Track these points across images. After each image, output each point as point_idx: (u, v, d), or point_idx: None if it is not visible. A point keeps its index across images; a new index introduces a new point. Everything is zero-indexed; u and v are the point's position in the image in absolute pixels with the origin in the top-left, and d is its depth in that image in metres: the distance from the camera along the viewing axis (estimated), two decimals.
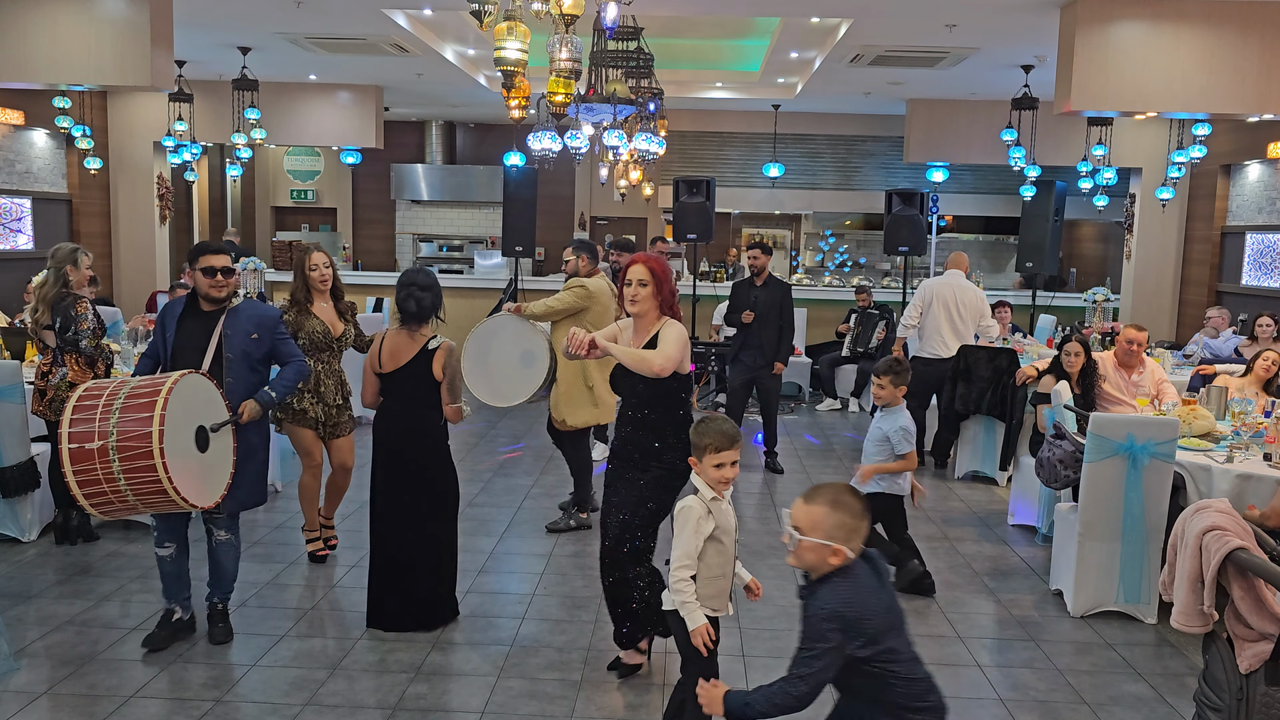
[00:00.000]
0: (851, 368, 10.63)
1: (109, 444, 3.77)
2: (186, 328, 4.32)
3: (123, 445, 3.78)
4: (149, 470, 3.80)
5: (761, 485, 7.44)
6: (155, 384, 3.95)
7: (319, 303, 5.42)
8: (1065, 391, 5.95)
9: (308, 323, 5.34)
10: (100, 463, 3.77)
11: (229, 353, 4.29)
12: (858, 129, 14.64)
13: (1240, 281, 10.91)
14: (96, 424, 3.80)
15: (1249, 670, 2.95)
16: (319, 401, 5.36)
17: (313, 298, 5.41)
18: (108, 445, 3.77)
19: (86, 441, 3.78)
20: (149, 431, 3.79)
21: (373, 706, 3.90)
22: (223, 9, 8.59)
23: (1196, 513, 3.11)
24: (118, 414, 3.83)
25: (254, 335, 4.35)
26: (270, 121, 11.84)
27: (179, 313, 4.36)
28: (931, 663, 4.43)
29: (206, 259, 4.28)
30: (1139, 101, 7.52)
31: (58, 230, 11.37)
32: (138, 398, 3.88)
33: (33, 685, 3.98)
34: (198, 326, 4.31)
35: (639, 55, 7.55)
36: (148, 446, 3.78)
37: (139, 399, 3.87)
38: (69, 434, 3.78)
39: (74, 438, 3.78)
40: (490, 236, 15.60)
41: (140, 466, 3.80)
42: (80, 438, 3.79)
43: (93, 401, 3.87)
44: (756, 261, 7.60)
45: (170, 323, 4.33)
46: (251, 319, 4.38)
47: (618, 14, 4.95)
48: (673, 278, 4.08)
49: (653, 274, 3.99)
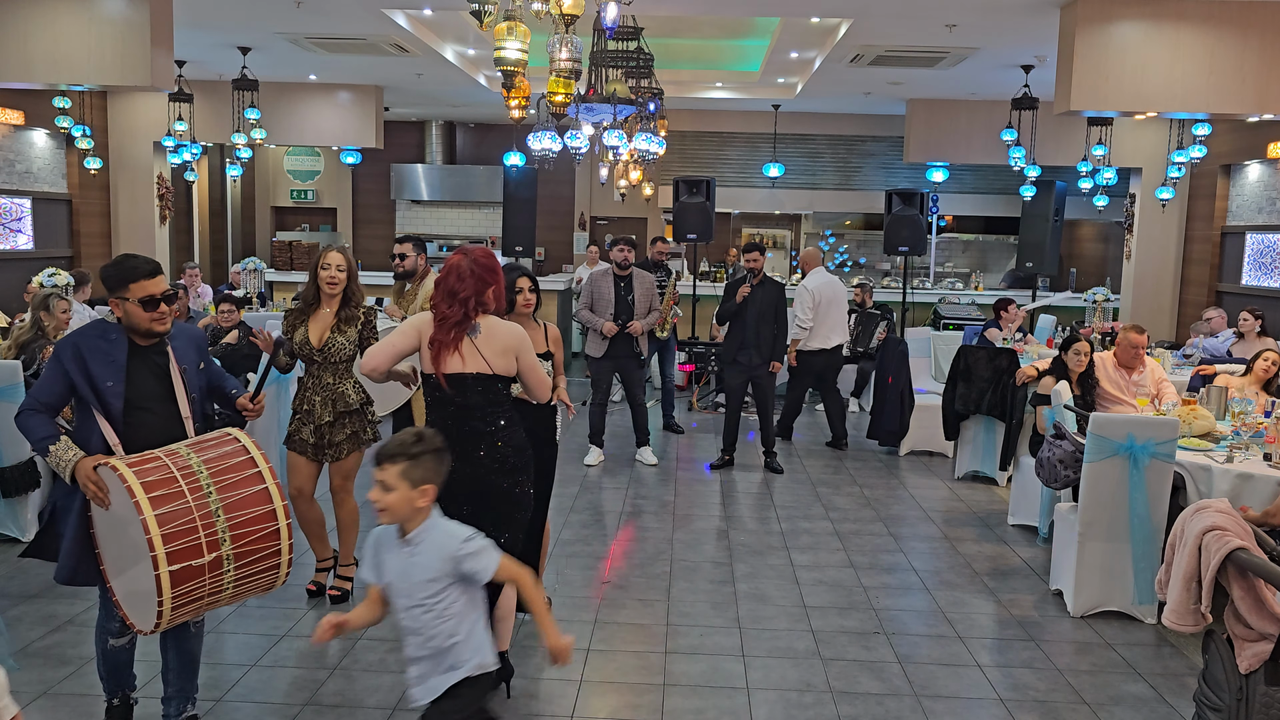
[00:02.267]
0: (851, 368, 10.62)
1: (224, 553, 3.07)
2: (133, 371, 3.34)
3: (242, 552, 3.11)
4: (270, 555, 3.20)
5: (761, 485, 7.44)
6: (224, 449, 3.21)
7: (323, 308, 4.77)
8: (1065, 392, 5.95)
9: (297, 331, 4.73)
10: (211, 575, 3.07)
11: (192, 392, 3.48)
12: (858, 129, 14.64)
13: (1240, 281, 10.91)
14: (201, 532, 3.02)
15: (1249, 670, 2.95)
16: (308, 421, 4.76)
17: (320, 301, 4.77)
18: (222, 556, 3.06)
19: (194, 558, 3.01)
20: (271, 509, 3.17)
21: (373, 706, 3.90)
22: (223, 9, 8.59)
23: (1196, 513, 3.11)
24: (221, 515, 3.09)
25: (200, 364, 3.56)
26: (270, 121, 11.84)
27: (119, 354, 3.32)
28: (932, 663, 4.45)
29: (143, 286, 3.29)
30: (1139, 101, 7.51)
31: (58, 230, 11.37)
32: (225, 475, 3.13)
33: (33, 685, 3.98)
34: (142, 367, 3.36)
35: (639, 55, 7.56)
36: (272, 525, 3.17)
37: (228, 475, 3.14)
38: (168, 559, 2.96)
39: (176, 557, 2.98)
40: (490, 236, 15.59)
41: (261, 552, 3.18)
42: (184, 555, 3.00)
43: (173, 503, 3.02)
44: (756, 263, 7.61)
45: (108, 366, 3.29)
46: (191, 343, 3.55)
47: (618, 14, 4.95)
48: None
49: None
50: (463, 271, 3.61)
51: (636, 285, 7.84)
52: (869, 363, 10.13)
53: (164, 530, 2.96)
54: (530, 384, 3.79)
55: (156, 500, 2.99)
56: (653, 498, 6.98)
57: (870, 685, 4.21)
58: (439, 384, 3.60)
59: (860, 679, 4.26)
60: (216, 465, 3.14)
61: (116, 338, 3.35)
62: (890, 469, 8.04)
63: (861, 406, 10.48)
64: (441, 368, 3.58)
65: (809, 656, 4.46)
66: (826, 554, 5.87)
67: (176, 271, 12.77)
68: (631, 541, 6.00)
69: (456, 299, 3.59)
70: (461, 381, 3.60)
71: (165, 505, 3.00)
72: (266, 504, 3.18)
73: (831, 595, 5.21)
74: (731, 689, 4.14)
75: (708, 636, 4.66)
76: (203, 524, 3.03)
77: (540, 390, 3.82)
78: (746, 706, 3.99)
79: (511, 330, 3.72)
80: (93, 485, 3.16)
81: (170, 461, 3.11)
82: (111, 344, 3.34)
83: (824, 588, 5.32)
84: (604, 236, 14.98)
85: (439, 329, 3.60)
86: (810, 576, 5.48)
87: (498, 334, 3.66)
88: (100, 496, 3.16)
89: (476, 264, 3.64)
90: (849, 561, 5.75)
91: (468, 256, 3.67)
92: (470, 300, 3.59)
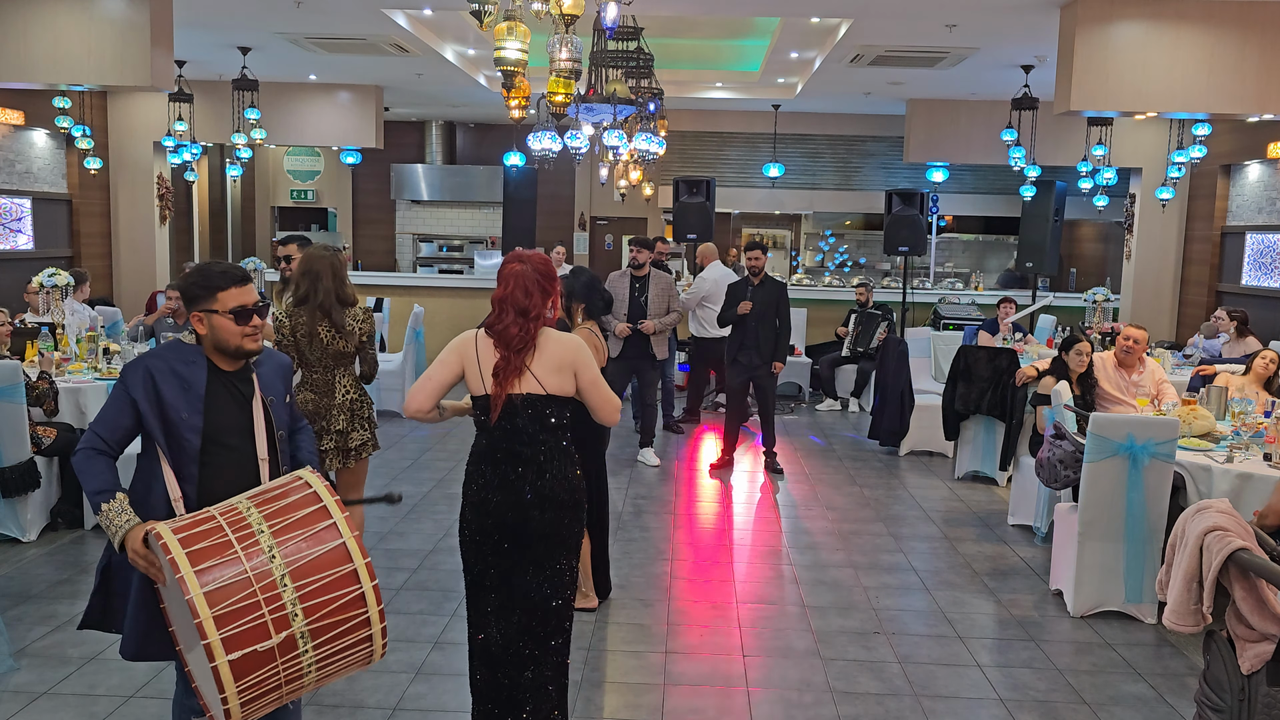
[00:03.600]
0: (851, 368, 10.62)
1: (296, 630, 2.51)
2: (213, 402, 2.85)
3: (319, 627, 2.55)
4: (357, 625, 2.62)
5: (761, 485, 7.44)
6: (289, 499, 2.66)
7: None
8: (1065, 392, 5.95)
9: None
10: (285, 661, 2.52)
11: (279, 429, 2.98)
12: (858, 129, 14.64)
13: (1240, 281, 10.91)
14: (265, 608, 2.47)
15: (1250, 671, 2.94)
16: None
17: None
18: (294, 634, 2.51)
19: (258, 641, 2.46)
20: (351, 570, 2.59)
21: (373, 706, 3.90)
22: (223, 9, 8.58)
23: (1197, 513, 3.11)
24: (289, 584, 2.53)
25: (286, 397, 3.08)
26: (270, 121, 11.84)
27: (197, 381, 2.82)
28: (932, 663, 4.45)
29: (234, 294, 2.83)
30: (1139, 101, 7.52)
31: (58, 230, 11.37)
32: (291, 533, 2.59)
33: (33, 685, 3.98)
34: (223, 396, 2.87)
35: (639, 55, 7.55)
36: (354, 590, 2.59)
37: (294, 533, 2.59)
38: (225, 645, 2.42)
39: (235, 642, 2.43)
40: (490, 236, 15.60)
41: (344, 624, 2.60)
42: (246, 639, 2.45)
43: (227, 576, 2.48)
44: (757, 262, 7.61)
45: (184, 394, 2.80)
46: (278, 372, 3.05)
47: (618, 14, 4.95)
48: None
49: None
50: (529, 284, 3.16)
51: (651, 286, 7.87)
52: (869, 363, 10.13)
53: (217, 611, 2.42)
54: (594, 403, 3.24)
55: (205, 573, 2.45)
56: (653, 497, 6.98)
57: (870, 685, 4.20)
58: (487, 404, 3.18)
59: (860, 679, 4.26)
60: (280, 521, 2.59)
61: (195, 360, 2.83)
62: (890, 469, 8.04)
63: (861, 406, 10.48)
64: (503, 390, 3.14)
65: (809, 656, 4.46)
66: (826, 554, 5.87)
67: (176, 272, 12.78)
68: (631, 541, 5.99)
69: (528, 317, 3.14)
70: (508, 404, 3.15)
71: (217, 579, 2.45)
72: (345, 563, 2.58)
73: (831, 595, 5.21)
74: (731, 689, 4.14)
75: (708, 636, 4.66)
76: (266, 598, 2.47)
77: (607, 410, 3.25)
78: (746, 706, 3.99)
79: (567, 343, 3.21)
80: (142, 561, 2.66)
81: (225, 521, 2.57)
82: (189, 368, 2.82)
83: (824, 588, 5.32)
84: (604, 237, 15.01)
85: (505, 351, 3.13)
86: (810, 576, 5.48)
87: (549, 347, 3.18)
88: (154, 573, 2.67)
89: (540, 272, 3.20)
90: (849, 561, 5.75)
91: (528, 264, 3.21)
92: (540, 316, 3.16)
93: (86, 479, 2.77)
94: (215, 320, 2.81)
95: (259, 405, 2.91)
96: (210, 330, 2.83)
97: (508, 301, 3.16)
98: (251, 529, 2.56)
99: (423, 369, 10.01)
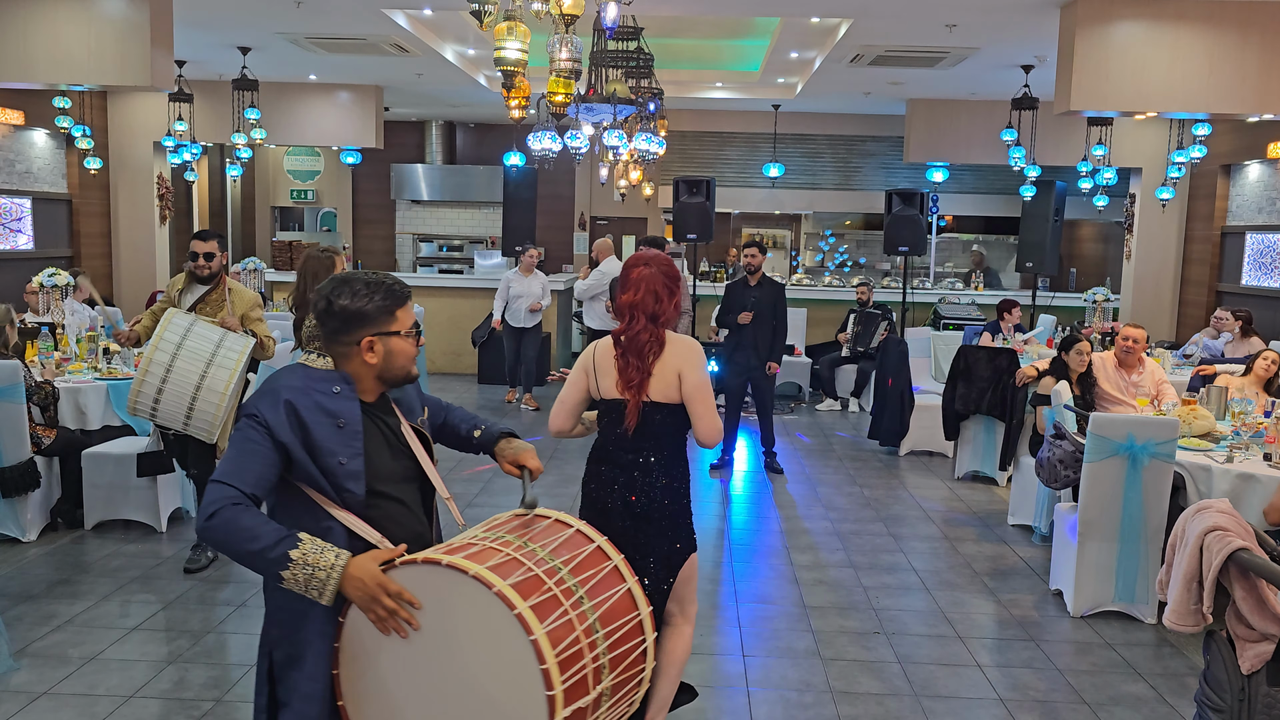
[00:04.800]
0: (851, 368, 10.62)
1: (604, 687, 2.13)
2: (369, 438, 2.31)
3: (619, 682, 2.19)
4: (637, 685, 2.29)
5: (761, 485, 7.44)
6: (560, 534, 2.28)
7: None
8: (1065, 392, 5.95)
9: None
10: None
11: (433, 458, 2.48)
12: (858, 129, 14.64)
13: (1240, 281, 10.91)
14: (588, 655, 2.08)
15: (1251, 671, 2.95)
16: None
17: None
18: (602, 693, 2.12)
19: (581, 697, 2.05)
20: (638, 619, 2.26)
21: None
22: (223, 9, 8.58)
23: (1198, 513, 3.11)
24: (600, 634, 2.14)
25: (424, 409, 2.61)
26: (270, 121, 11.84)
27: (351, 417, 2.27)
28: (932, 663, 4.45)
29: (409, 310, 2.35)
30: (1139, 101, 7.51)
31: (58, 230, 11.37)
32: (587, 574, 2.20)
33: (33, 685, 3.97)
34: (373, 432, 2.33)
35: (639, 55, 7.55)
36: (640, 644, 2.26)
37: (588, 575, 2.20)
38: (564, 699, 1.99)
39: (569, 697, 2.01)
40: (490, 236, 15.60)
41: (631, 681, 2.26)
42: (572, 694, 2.02)
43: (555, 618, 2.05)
44: (754, 260, 7.60)
45: (338, 434, 2.23)
46: (412, 387, 2.54)
47: (618, 14, 4.95)
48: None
49: None
50: (659, 289, 3.06)
51: None
52: (869, 363, 10.13)
53: (560, 656, 1.98)
54: (695, 411, 3.07)
55: (538, 610, 1.99)
56: None
57: (870, 685, 4.20)
58: (606, 408, 3.18)
59: (860, 679, 4.26)
60: (568, 556, 2.18)
61: (343, 391, 2.27)
62: (890, 469, 8.04)
63: (861, 406, 10.48)
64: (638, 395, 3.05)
65: (809, 656, 4.46)
66: (826, 554, 5.87)
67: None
68: None
69: (657, 322, 3.04)
70: (611, 409, 3.09)
71: (550, 620, 2.00)
72: (634, 612, 2.23)
73: (831, 595, 5.21)
74: (731, 689, 4.14)
75: (708, 636, 4.66)
76: (588, 644, 2.07)
77: (704, 424, 3.08)
78: (746, 706, 3.99)
79: (675, 344, 3.09)
80: (389, 600, 2.06)
81: (519, 555, 2.10)
82: (338, 400, 2.25)
83: (824, 588, 5.32)
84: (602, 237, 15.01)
85: (633, 358, 3.03)
86: (810, 576, 5.48)
87: (669, 350, 3.10)
88: (396, 623, 2.07)
89: (665, 274, 3.10)
90: (849, 561, 5.75)
91: (654, 265, 3.11)
92: (670, 320, 3.07)
93: (245, 536, 2.07)
94: (394, 344, 2.30)
95: (410, 435, 2.40)
96: (385, 356, 2.30)
97: (639, 308, 3.08)
98: (546, 561, 2.11)
99: (422, 369, 10.02)
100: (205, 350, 4.77)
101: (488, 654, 2.00)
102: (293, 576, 2.06)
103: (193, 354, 4.73)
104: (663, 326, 3.08)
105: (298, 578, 2.06)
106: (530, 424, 9.33)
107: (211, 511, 2.09)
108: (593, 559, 2.22)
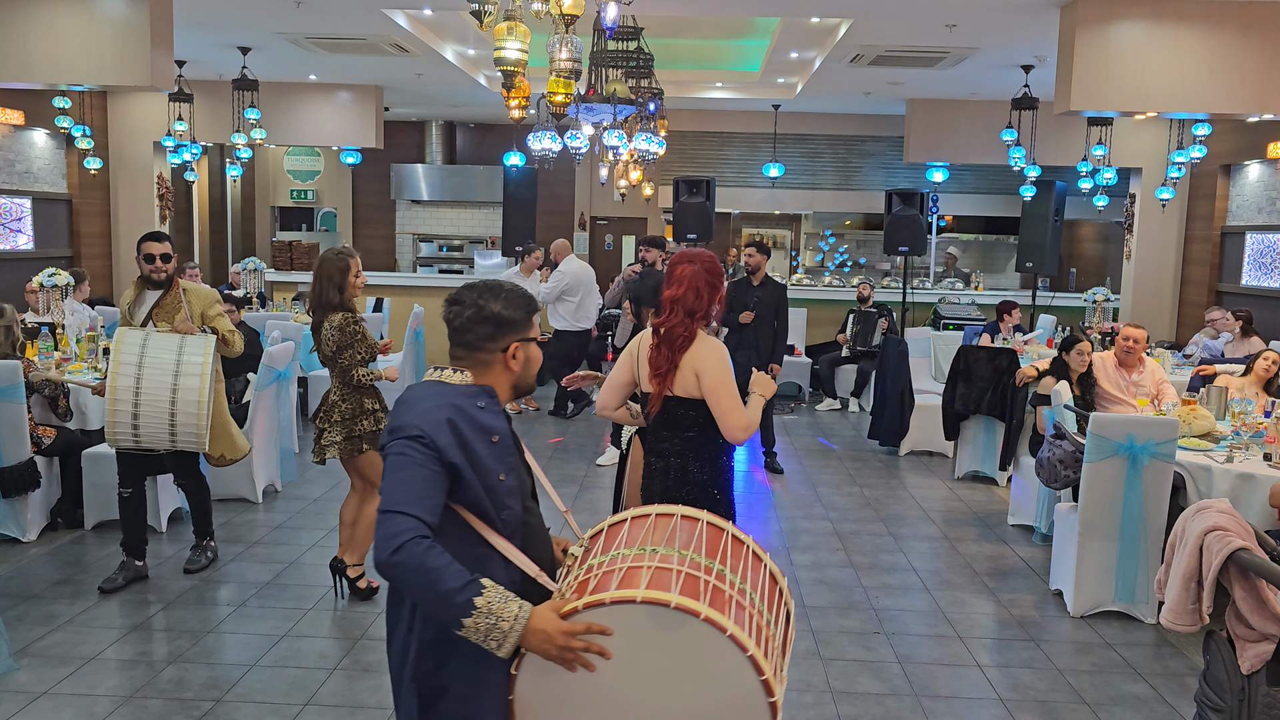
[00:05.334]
0: (851, 368, 10.63)
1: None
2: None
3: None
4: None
5: (761, 485, 7.44)
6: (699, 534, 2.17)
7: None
8: (1065, 392, 5.95)
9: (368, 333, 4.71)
10: None
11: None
12: (858, 129, 14.64)
13: (1240, 281, 10.91)
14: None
15: (1250, 671, 2.95)
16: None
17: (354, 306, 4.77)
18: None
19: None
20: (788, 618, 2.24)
21: (373, 706, 3.90)
22: (223, 9, 8.58)
23: (1198, 513, 3.11)
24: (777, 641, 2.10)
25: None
26: (270, 121, 11.84)
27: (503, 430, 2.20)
28: (932, 663, 4.45)
29: (533, 325, 2.29)
30: (1139, 101, 7.51)
31: (58, 230, 11.37)
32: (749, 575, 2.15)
33: (33, 685, 3.97)
34: (514, 444, 2.27)
35: (639, 55, 7.55)
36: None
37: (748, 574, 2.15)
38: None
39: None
40: (490, 236, 15.60)
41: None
42: None
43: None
44: (752, 260, 7.59)
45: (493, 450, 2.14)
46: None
47: (618, 14, 4.95)
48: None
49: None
50: (700, 285, 3.16)
51: None
52: (869, 362, 10.13)
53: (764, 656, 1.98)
54: (718, 409, 3.13)
55: (735, 620, 1.98)
56: None
57: (870, 685, 4.20)
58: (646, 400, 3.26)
59: (860, 679, 4.26)
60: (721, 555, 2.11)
61: (488, 405, 2.17)
62: (890, 469, 8.04)
63: (861, 406, 10.49)
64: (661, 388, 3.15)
65: (809, 656, 4.46)
66: (826, 554, 5.87)
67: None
68: None
69: (694, 317, 3.16)
70: (647, 402, 3.20)
71: (748, 630, 1.99)
72: (774, 584, 2.23)
73: (831, 595, 5.21)
74: None
75: None
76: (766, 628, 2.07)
77: (729, 421, 3.13)
78: None
79: (699, 344, 3.19)
80: (578, 644, 1.96)
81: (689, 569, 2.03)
82: (485, 414, 2.15)
83: (824, 588, 5.32)
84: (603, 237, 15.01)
85: (665, 349, 3.14)
86: (810, 576, 5.48)
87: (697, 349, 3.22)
88: (585, 660, 1.98)
89: (709, 271, 3.21)
90: (849, 561, 5.75)
91: (698, 263, 3.22)
92: (707, 316, 3.19)
93: (432, 578, 1.93)
94: (533, 350, 2.27)
95: (525, 448, 2.34)
96: (524, 364, 2.24)
97: (679, 303, 3.20)
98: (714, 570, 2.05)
99: (422, 369, 10.02)
100: (168, 361, 4.64)
101: (693, 673, 1.97)
102: (474, 625, 1.93)
103: (156, 367, 4.61)
104: (700, 321, 3.20)
105: (479, 626, 1.93)
106: (530, 424, 9.33)
107: (398, 545, 1.93)
108: (735, 547, 2.18)
